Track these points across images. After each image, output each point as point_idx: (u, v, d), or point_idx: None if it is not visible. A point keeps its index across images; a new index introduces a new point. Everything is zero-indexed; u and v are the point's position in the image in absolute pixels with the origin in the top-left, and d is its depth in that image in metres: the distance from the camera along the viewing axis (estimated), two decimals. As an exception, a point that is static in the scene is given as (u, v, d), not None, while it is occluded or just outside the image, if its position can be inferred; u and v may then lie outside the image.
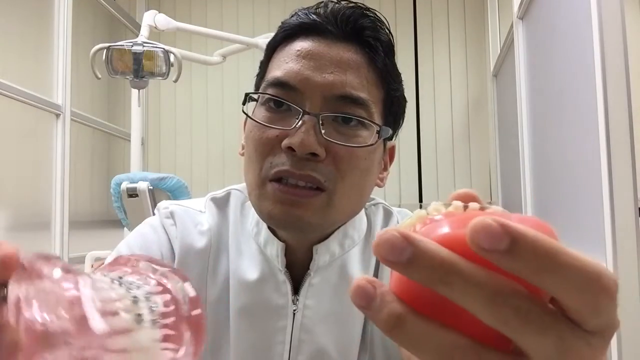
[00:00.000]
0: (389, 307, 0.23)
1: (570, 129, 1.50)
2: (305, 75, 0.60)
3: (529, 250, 0.21)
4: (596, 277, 0.22)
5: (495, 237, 0.21)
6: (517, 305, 0.22)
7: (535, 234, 0.21)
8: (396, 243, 0.22)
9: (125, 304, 0.27)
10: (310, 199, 0.58)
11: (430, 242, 0.22)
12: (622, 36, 1.13)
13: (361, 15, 0.63)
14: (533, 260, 0.21)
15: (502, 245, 0.21)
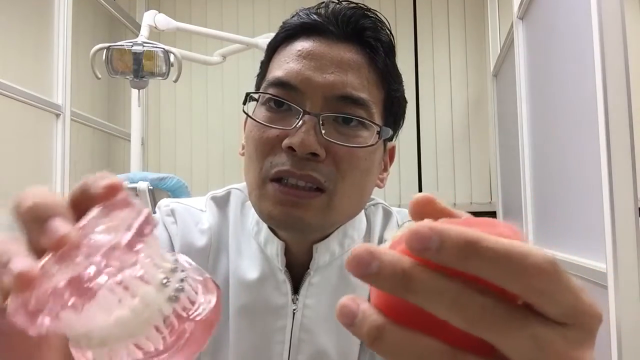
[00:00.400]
0: (369, 321, 0.24)
1: (570, 129, 1.50)
2: (306, 75, 0.60)
3: (455, 243, 0.22)
4: (522, 257, 0.22)
5: (427, 239, 0.23)
6: (482, 304, 0.22)
7: (459, 229, 0.23)
8: (363, 257, 0.23)
9: (164, 266, 0.28)
10: (311, 200, 0.58)
11: (392, 254, 0.24)
12: (622, 36, 1.13)
13: (362, 15, 0.63)
14: (462, 251, 0.22)
15: (433, 244, 0.23)
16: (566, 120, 1.54)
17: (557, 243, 1.69)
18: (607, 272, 1.14)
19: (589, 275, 1.31)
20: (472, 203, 3.12)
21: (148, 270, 0.27)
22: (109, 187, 0.30)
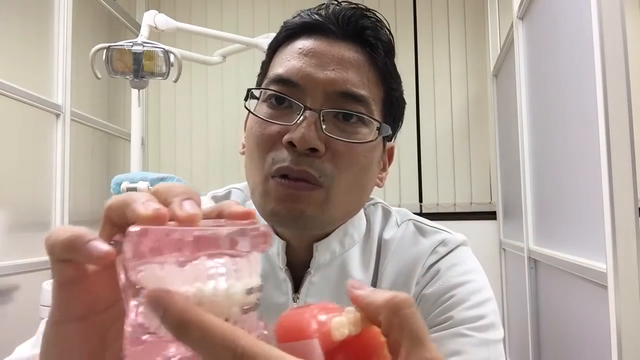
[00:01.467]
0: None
1: (570, 129, 1.50)
2: (307, 72, 0.60)
3: (171, 320, 0.27)
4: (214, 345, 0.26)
5: (156, 307, 0.27)
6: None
7: (181, 308, 0.27)
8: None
9: (256, 281, 0.31)
10: (310, 192, 0.58)
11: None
12: (622, 36, 1.13)
13: (362, 15, 0.64)
14: (174, 328, 0.26)
15: (159, 313, 0.27)
16: (566, 120, 1.54)
17: (557, 243, 1.69)
18: (607, 272, 1.14)
19: (589, 275, 1.31)
20: (472, 203, 3.12)
21: (244, 272, 0.30)
22: (244, 213, 0.34)
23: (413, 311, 0.30)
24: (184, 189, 0.33)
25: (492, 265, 2.89)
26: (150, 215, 0.30)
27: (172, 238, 0.28)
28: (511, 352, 2.63)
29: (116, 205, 0.32)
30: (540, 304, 1.98)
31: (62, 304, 0.34)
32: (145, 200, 0.31)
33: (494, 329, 0.62)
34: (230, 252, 0.29)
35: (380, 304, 0.30)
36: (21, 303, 2.00)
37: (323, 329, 0.29)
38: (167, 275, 0.28)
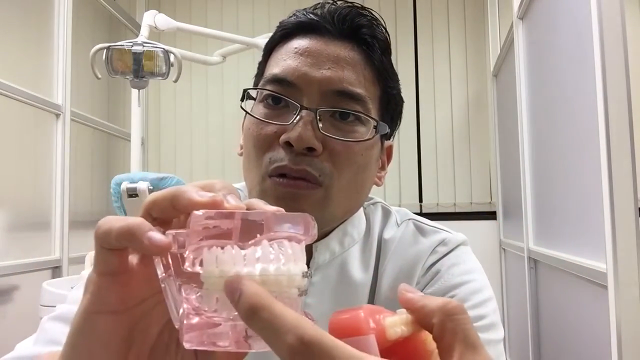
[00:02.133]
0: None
1: (570, 129, 1.50)
2: (303, 71, 0.60)
3: (244, 302, 0.27)
4: (281, 330, 0.26)
5: (233, 290, 0.28)
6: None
7: (255, 292, 0.27)
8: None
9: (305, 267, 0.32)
10: (309, 191, 0.58)
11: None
12: (622, 36, 1.13)
13: (357, 14, 0.64)
14: (247, 310, 0.27)
15: (235, 296, 0.28)
16: (566, 120, 1.54)
17: (557, 243, 1.69)
18: (607, 272, 1.14)
19: (589, 275, 1.31)
20: (472, 203, 3.12)
21: (300, 257, 0.31)
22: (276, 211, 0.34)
23: (467, 317, 0.30)
24: (224, 184, 0.35)
25: (492, 265, 2.89)
26: (207, 202, 0.31)
27: (229, 219, 0.29)
28: (511, 352, 2.63)
29: (162, 199, 0.33)
30: (540, 304, 1.98)
31: (98, 294, 0.34)
32: (197, 190, 0.32)
33: (494, 329, 0.62)
34: (289, 236, 0.31)
35: (434, 307, 0.30)
36: (21, 303, 2.00)
37: (378, 326, 0.30)
38: (228, 257, 0.29)
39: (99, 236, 0.33)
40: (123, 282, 0.34)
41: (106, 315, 0.35)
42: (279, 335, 0.26)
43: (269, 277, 0.29)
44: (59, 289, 1.69)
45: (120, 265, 0.34)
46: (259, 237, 0.30)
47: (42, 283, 1.76)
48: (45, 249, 2.18)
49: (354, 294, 0.65)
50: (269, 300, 0.27)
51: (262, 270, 0.29)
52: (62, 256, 2.22)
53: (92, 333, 0.35)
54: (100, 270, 0.34)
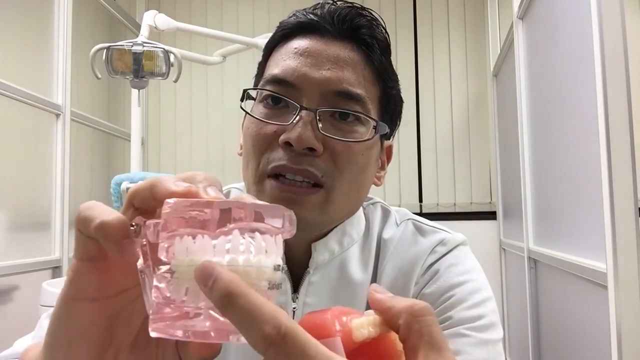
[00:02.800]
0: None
1: (570, 129, 1.50)
2: (303, 71, 0.60)
3: (219, 289, 0.27)
4: (259, 323, 0.26)
5: (206, 277, 0.27)
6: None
7: (231, 279, 0.27)
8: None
9: (281, 261, 0.32)
10: (309, 196, 0.58)
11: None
12: (622, 36, 1.13)
13: (357, 14, 0.64)
14: (222, 298, 0.27)
15: (208, 282, 0.27)
16: (566, 120, 1.54)
17: (557, 243, 1.69)
18: (607, 272, 1.14)
19: (589, 275, 1.31)
20: (472, 203, 3.12)
21: (272, 250, 0.30)
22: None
23: (433, 319, 0.30)
24: (206, 176, 0.34)
25: (492, 265, 2.89)
26: (183, 191, 0.31)
27: (205, 209, 0.29)
28: (511, 352, 2.63)
29: (142, 189, 0.33)
30: (540, 304, 1.98)
31: (76, 281, 0.34)
32: (175, 180, 0.32)
33: (493, 329, 0.62)
34: (261, 228, 0.30)
35: (401, 308, 0.31)
36: (21, 303, 2.00)
37: (345, 328, 0.30)
38: (198, 247, 0.29)
39: (77, 222, 0.33)
40: (102, 269, 0.34)
41: (84, 302, 0.34)
42: (255, 324, 0.26)
43: (237, 268, 0.29)
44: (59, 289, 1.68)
45: (99, 251, 0.33)
46: (230, 227, 0.29)
47: (42, 283, 1.76)
48: (45, 249, 2.18)
49: (353, 294, 0.65)
50: (245, 288, 0.27)
51: (231, 261, 0.29)
52: (62, 256, 2.22)
53: (70, 320, 0.34)
54: (79, 256, 0.34)
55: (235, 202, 0.30)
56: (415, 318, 0.30)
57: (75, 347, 0.35)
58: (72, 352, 0.35)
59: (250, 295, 0.27)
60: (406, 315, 0.30)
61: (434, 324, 0.30)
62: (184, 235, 0.29)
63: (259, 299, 0.27)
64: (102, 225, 0.32)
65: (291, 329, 0.26)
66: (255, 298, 0.27)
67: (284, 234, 0.32)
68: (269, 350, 0.26)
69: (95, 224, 0.32)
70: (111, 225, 0.31)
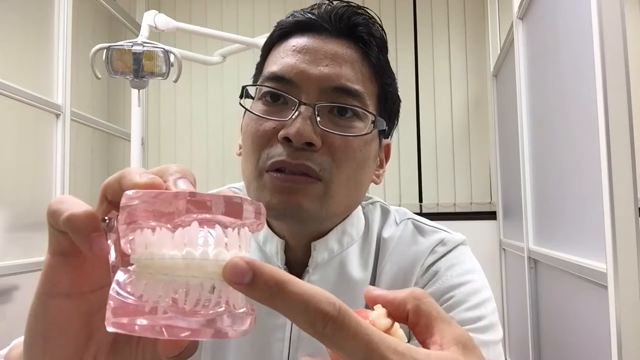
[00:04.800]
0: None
1: (570, 129, 1.50)
2: (301, 68, 0.61)
3: (265, 281, 0.26)
4: (314, 300, 0.26)
5: (242, 273, 0.26)
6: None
7: (273, 269, 0.26)
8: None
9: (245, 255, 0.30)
10: (308, 186, 0.58)
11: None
12: (622, 36, 1.13)
13: (354, 13, 0.65)
14: (270, 289, 0.26)
15: (247, 278, 0.26)
16: (566, 120, 1.54)
17: (557, 243, 1.69)
18: (607, 272, 1.14)
19: (589, 275, 1.31)
20: (472, 203, 3.12)
21: (234, 244, 0.29)
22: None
23: (432, 300, 0.33)
24: (178, 168, 0.34)
25: (492, 265, 2.89)
26: (145, 183, 0.31)
27: (165, 199, 0.28)
28: (511, 352, 2.63)
29: (112, 181, 0.33)
30: (540, 304, 1.98)
31: (50, 276, 0.34)
32: (141, 172, 0.32)
33: (493, 330, 0.62)
34: (223, 221, 0.29)
35: (404, 296, 0.33)
36: (21, 303, 2.00)
37: (370, 321, 0.31)
38: (157, 239, 0.28)
39: (48, 215, 0.33)
40: (75, 264, 0.34)
41: (59, 298, 0.34)
42: (311, 304, 0.26)
43: (192, 261, 0.28)
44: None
45: (71, 246, 0.33)
46: (191, 219, 0.28)
47: (42, 283, 1.76)
48: (45, 249, 2.18)
49: (352, 293, 0.65)
50: (290, 275, 0.27)
51: (187, 254, 0.28)
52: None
53: (45, 316, 0.34)
54: (52, 250, 0.34)
55: (199, 193, 0.29)
56: (420, 300, 0.32)
57: (52, 344, 0.34)
58: (48, 349, 0.34)
59: (296, 280, 0.27)
60: (412, 299, 0.32)
61: (435, 303, 0.33)
62: (144, 228, 0.29)
63: (305, 283, 0.27)
64: (69, 217, 0.31)
65: (345, 306, 0.27)
66: (302, 282, 0.27)
67: (250, 227, 0.31)
68: (327, 327, 0.26)
69: (63, 216, 0.31)
70: (79, 217, 0.31)
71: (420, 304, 0.32)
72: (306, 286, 0.26)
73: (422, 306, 0.32)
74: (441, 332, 0.31)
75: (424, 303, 0.32)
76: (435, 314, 0.32)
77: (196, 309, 0.28)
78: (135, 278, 0.29)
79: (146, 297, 0.28)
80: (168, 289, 0.28)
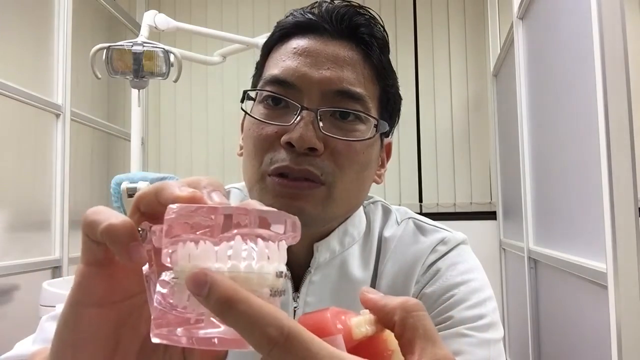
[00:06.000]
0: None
1: (570, 129, 1.50)
2: (303, 72, 0.60)
3: (218, 296, 0.27)
4: (262, 326, 0.26)
5: (200, 285, 0.27)
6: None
7: (229, 284, 0.27)
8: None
9: (284, 267, 0.32)
10: (311, 191, 0.58)
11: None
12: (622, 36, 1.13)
13: (355, 13, 0.64)
14: (222, 305, 0.26)
15: (203, 291, 0.27)
16: (566, 120, 1.54)
17: (557, 243, 1.69)
18: (607, 272, 1.14)
19: (589, 275, 1.31)
20: (472, 203, 3.12)
21: (274, 257, 0.31)
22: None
23: (425, 314, 0.32)
24: (210, 181, 0.34)
25: (492, 265, 2.89)
26: (187, 196, 0.31)
27: (209, 215, 0.29)
28: (511, 352, 2.63)
29: (148, 193, 0.33)
30: (540, 304, 1.98)
31: (83, 286, 0.34)
32: (180, 185, 0.32)
33: (494, 329, 0.62)
34: (264, 234, 0.30)
35: (395, 305, 0.32)
36: (21, 303, 2.00)
37: (344, 327, 0.31)
38: (201, 253, 0.29)
39: (84, 226, 0.33)
40: (109, 274, 0.34)
41: (91, 308, 0.34)
42: (257, 327, 0.26)
43: (238, 275, 0.29)
44: (59, 289, 1.69)
45: (106, 256, 0.33)
46: (233, 233, 0.29)
47: (42, 283, 1.76)
48: (45, 249, 2.18)
49: (353, 292, 0.65)
50: (243, 293, 0.27)
51: (232, 267, 0.29)
52: (62, 256, 2.22)
53: (77, 325, 0.34)
54: (86, 260, 0.34)
55: (239, 207, 0.30)
56: (409, 313, 0.31)
57: (81, 353, 0.34)
58: (78, 357, 0.34)
59: (249, 299, 0.27)
60: (400, 311, 0.31)
61: (426, 318, 0.31)
62: (186, 241, 0.29)
63: (257, 303, 0.27)
64: (109, 228, 0.31)
65: (294, 329, 0.26)
66: (254, 302, 0.27)
67: (287, 240, 0.32)
68: (273, 352, 0.26)
69: (102, 227, 0.32)
70: (118, 228, 0.31)
71: (408, 317, 0.31)
72: (256, 307, 0.26)
73: (409, 320, 0.31)
74: (421, 351, 0.30)
75: (412, 317, 0.31)
76: (421, 331, 0.31)
77: None
78: (178, 290, 0.30)
79: (190, 308, 0.29)
80: None
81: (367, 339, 0.31)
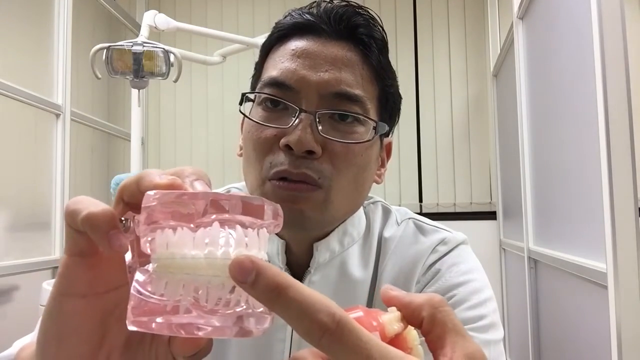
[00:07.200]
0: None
1: (571, 129, 1.50)
2: (301, 74, 0.60)
3: (266, 283, 0.26)
4: (313, 313, 0.26)
5: (246, 271, 0.26)
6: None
7: (275, 272, 0.26)
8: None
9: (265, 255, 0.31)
10: (310, 194, 0.58)
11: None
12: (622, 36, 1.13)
13: (354, 13, 0.64)
14: (271, 292, 0.26)
15: (250, 278, 0.26)
16: (566, 120, 1.54)
17: (557, 243, 1.69)
18: (607, 272, 1.14)
19: (589, 275, 1.31)
20: (472, 203, 3.12)
21: (253, 244, 0.30)
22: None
23: (450, 309, 0.32)
24: (194, 170, 0.34)
25: (492, 265, 2.89)
26: (166, 184, 0.31)
27: (185, 200, 0.29)
28: (511, 352, 2.63)
29: (130, 183, 0.33)
30: (540, 304, 1.98)
31: (66, 276, 0.34)
32: (160, 173, 0.32)
33: (494, 329, 0.62)
34: (244, 221, 0.29)
35: (421, 301, 0.32)
36: (21, 303, 2.00)
37: (379, 324, 0.30)
38: (179, 239, 0.29)
39: (66, 215, 0.33)
40: (92, 264, 0.34)
41: (74, 298, 0.34)
42: (309, 314, 0.26)
43: (215, 261, 0.28)
44: (59, 289, 1.69)
45: (88, 246, 0.33)
46: (211, 219, 0.29)
47: (42, 283, 1.76)
48: (45, 249, 2.18)
49: (353, 292, 0.65)
50: (292, 279, 0.27)
51: (209, 254, 0.28)
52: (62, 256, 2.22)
53: (61, 316, 0.34)
54: (69, 250, 0.34)
55: (219, 194, 0.29)
56: (437, 309, 0.31)
57: (66, 344, 0.34)
58: (62, 349, 0.34)
59: (298, 285, 0.26)
60: (428, 307, 0.31)
61: (453, 314, 0.32)
62: (165, 228, 0.29)
63: (307, 289, 0.26)
64: (88, 216, 0.31)
65: (344, 317, 0.26)
66: (303, 288, 0.26)
67: (269, 228, 0.31)
68: (324, 339, 0.26)
69: (82, 215, 0.32)
70: (98, 216, 0.31)
71: (437, 313, 0.31)
72: (306, 293, 0.26)
73: (438, 315, 0.31)
74: (453, 345, 0.30)
75: (441, 312, 0.31)
76: (451, 326, 0.31)
77: (217, 307, 0.29)
78: (156, 277, 0.29)
79: (167, 296, 0.29)
80: (189, 288, 0.29)
81: (395, 338, 0.31)
